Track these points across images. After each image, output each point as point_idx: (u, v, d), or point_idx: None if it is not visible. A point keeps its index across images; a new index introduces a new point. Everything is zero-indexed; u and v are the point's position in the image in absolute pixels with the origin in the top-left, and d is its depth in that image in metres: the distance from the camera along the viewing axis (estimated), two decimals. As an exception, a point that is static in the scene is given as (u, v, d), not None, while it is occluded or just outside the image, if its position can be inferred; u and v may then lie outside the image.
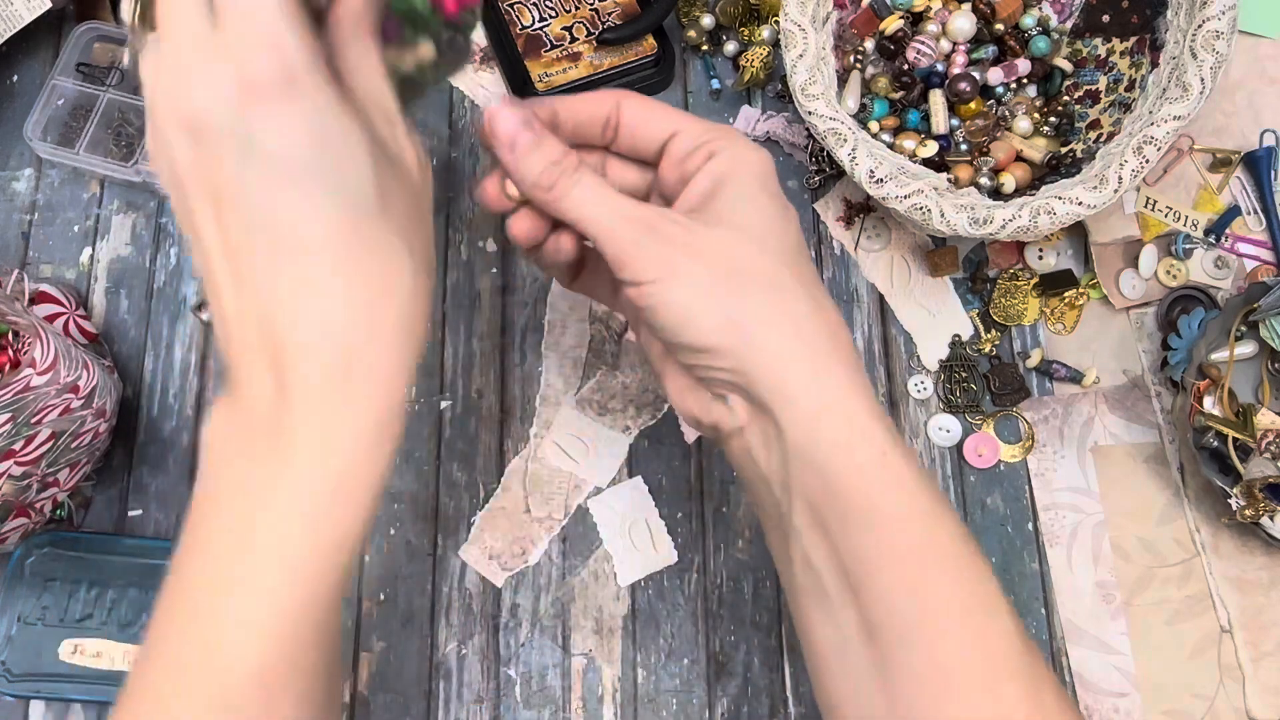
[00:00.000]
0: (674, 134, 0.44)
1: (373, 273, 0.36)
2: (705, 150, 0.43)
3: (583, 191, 0.42)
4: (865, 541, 0.39)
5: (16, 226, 0.68)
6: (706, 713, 0.58)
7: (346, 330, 0.36)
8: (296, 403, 0.35)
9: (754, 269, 0.42)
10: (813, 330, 0.41)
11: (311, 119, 0.35)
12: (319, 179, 0.35)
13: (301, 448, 0.35)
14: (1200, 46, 0.55)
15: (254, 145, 0.34)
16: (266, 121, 0.34)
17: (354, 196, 0.36)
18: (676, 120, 0.45)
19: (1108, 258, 0.66)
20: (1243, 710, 0.58)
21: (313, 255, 0.35)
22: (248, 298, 0.36)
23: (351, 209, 0.36)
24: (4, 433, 0.50)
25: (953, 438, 0.63)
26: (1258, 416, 0.58)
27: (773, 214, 0.43)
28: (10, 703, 0.58)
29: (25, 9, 0.67)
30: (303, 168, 0.35)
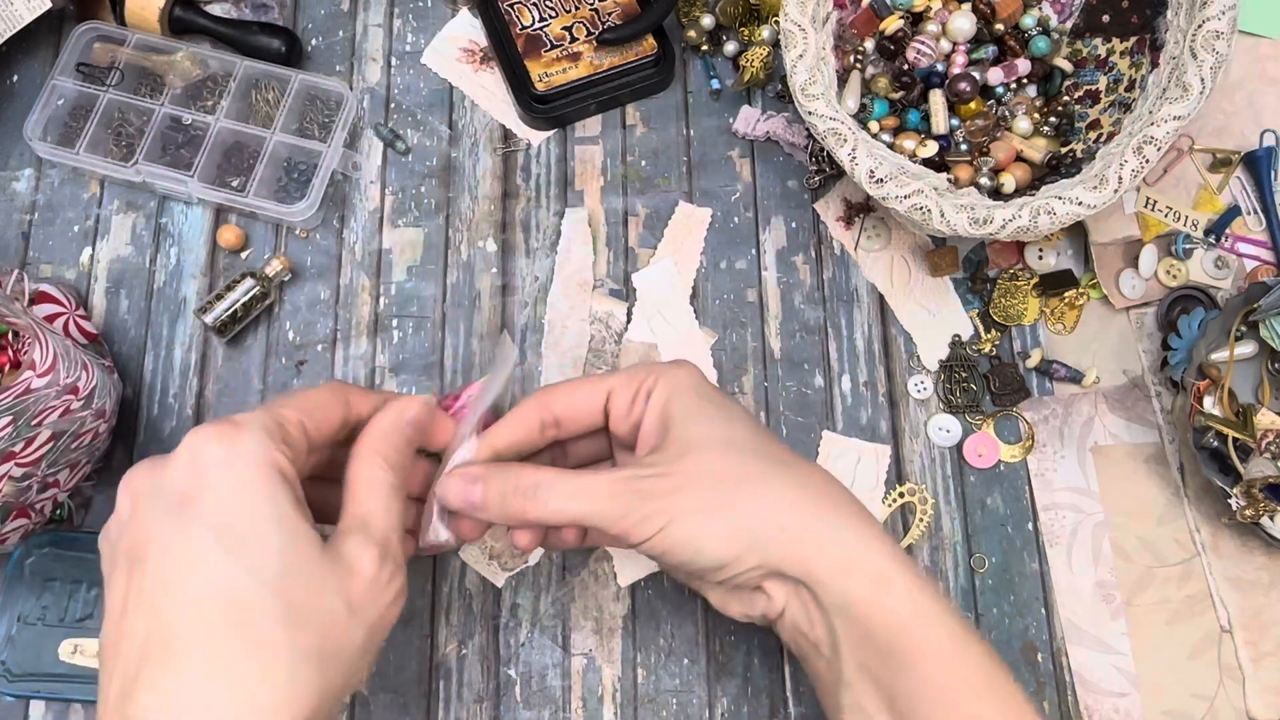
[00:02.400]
0: (608, 395, 0.48)
1: (245, 643, 0.37)
2: (643, 393, 0.47)
3: (554, 498, 0.45)
4: (908, 679, 0.43)
5: (16, 226, 0.68)
6: (706, 713, 0.58)
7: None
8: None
9: (732, 475, 0.45)
10: (809, 500, 0.45)
11: (233, 500, 0.38)
12: (221, 552, 0.37)
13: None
14: (1200, 46, 0.55)
15: (179, 513, 0.38)
16: (197, 496, 0.38)
17: (251, 579, 0.37)
18: (604, 384, 0.48)
19: (1108, 258, 0.66)
20: (1243, 710, 0.58)
21: (192, 618, 0.37)
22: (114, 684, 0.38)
23: (245, 584, 0.37)
24: (5, 435, 0.50)
25: (953, 438, 0.63)
26: (1258, 416, 0.58)
27: (721, 418, 0.47)
28: (10, 703, 0.58)
29: (25, 9, 0.67)
30: (211, 538, 0.38)
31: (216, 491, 0.38)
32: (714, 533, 0.44)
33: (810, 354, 0.65)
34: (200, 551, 0.38)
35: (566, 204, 0.68)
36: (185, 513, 0.38)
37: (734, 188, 0.68)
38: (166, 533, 0.38)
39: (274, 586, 0.37)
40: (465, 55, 0.72)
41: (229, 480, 0.39)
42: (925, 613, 0.43)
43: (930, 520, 0.61)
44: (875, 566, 0.44)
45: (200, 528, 0.38)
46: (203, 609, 0.37)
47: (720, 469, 0.45)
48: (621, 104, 0.70)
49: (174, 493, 0.39)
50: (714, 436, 0.46)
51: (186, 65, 0.67)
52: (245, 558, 0.38)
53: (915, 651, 0.43)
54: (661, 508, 0.44)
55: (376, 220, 0.68)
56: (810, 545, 0.44)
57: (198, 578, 0.37)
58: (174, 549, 0.38)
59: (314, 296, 0.66)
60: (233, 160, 0.68)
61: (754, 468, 0.45)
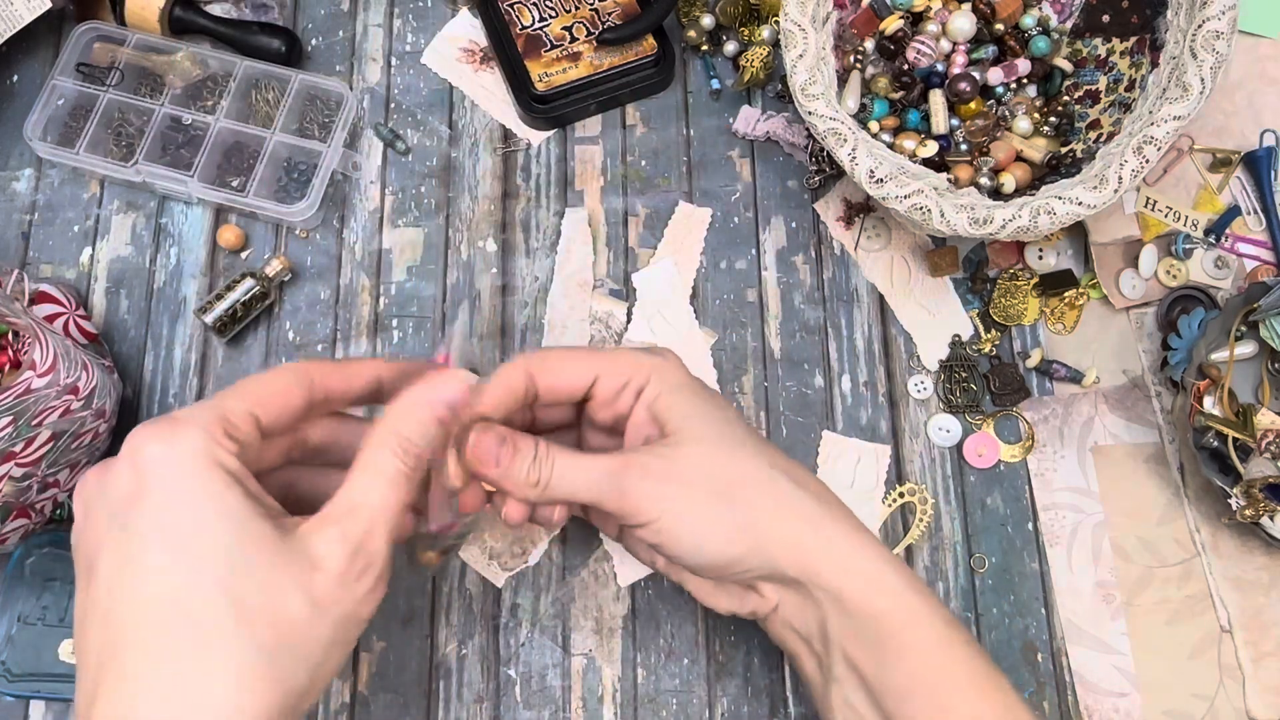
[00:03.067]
0: (596, 378, 0.48)
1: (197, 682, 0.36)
2: (632, 388, 0.47)
3: (560, 473, 0.45)
4: (895, 674, 0.44)
5: (16, 226, 0.68)
6: (706, 713, 0.58)
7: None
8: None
9: (735, 474, 0.45)
10: (810, 507, 0.46)
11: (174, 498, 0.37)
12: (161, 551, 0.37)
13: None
14: (1200, 46, 0.55)
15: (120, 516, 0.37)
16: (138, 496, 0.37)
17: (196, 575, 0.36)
18: (589, 365, 0.48)
19: (1108, 258, 0.66)
20: (1243, 710, 0.58)
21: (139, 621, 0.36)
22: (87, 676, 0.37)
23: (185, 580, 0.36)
24: (5, 435, 0.50)
25: (953, 438, 0.63)
26: (1258, 416, 0.58)
27: (717, 417, 0.47)
28: (10, 703, 0.58)
29: (25, 9, 0.67)
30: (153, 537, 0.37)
31: (157, 492, 0.37)
32: (715, 532, 0.44)
33: (810, 354, 0.65)
34: (144, 555, 0.37)
35: (566, 204, 0.68)
36: (129, 517, 0.37)
37: (734, 188, 0.68)
38: (113, 539, 0.37)
39: (222, 585, 0.36)
40: (465, 55, 0.72)
41: (169, 479, 0.38)
42: (914, 611, 0.44)
43: (930, 520, 0.61)
44: (870, 568, 0.45)
45: (143, 531, 0.37)
46: (149, 613, 0.36)
47: (723, 466, 0.45)
48: (621, 104, 0.70)
49: (117, 497, 0.38)
50: (715, 434, 0.46)
51: (186, 65, 0.67)
52: (189, 558, 0.37)
53: (902, 647, 0.44)
54: (662, 492, 0.44)
55: (376, 220, 0.68)
56: (810, 551, 0.45)
57: (143, 582, 0.37)
58: (119, 555, 0.37)
59: (314, 296, 0.66)
60: (233, 160, 0.68)
61: (756, 470, 0.46)
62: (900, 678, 0.44)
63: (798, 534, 0.45)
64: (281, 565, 0.38)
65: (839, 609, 0.44)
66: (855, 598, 0.44)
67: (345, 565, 0.39)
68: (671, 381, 0.47)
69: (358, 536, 0.39)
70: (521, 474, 0.45)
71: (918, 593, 0.45)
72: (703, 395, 0.48)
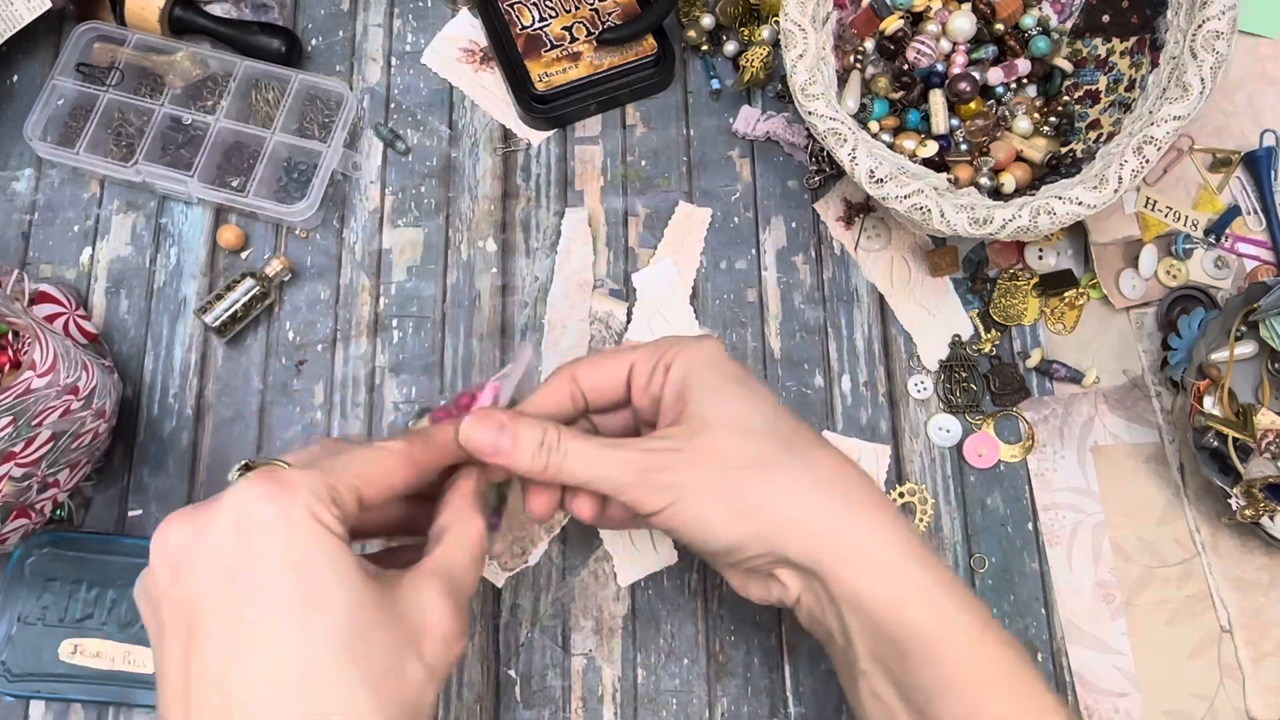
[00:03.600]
0: (630, 369, 0.48)
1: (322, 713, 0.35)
2: (661, 367, 0.47)
3: (574, 459, 0.44)
4: (920, 675, 0.42)
5: (16, 226, 0.68)
6: (706, 713, 0.58)
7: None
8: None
9: (746, 457, 0.44)
10: (821, 489, 0.44)
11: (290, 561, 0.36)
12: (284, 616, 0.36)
13: None
14: (1200, 46, 0.55)
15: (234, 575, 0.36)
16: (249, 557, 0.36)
17: (322, 639, 0.36)
18: (626, 357, 0.48)
19: (1108, 258, 0.66)
20: (1243, 710, 0.58)
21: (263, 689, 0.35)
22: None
23: (313, 649, 0.36)
24: (5, 435, 0.50)
25: (953, 438, 0.63)
26: (1258, 416, 0.58)
27: (741, 397, 0.46)
28: (10, 703, 0.58)
29: (25, 9, 0.67)
30: (272, 603, 0.36)
31: (272, 557, 0.36)
32: (721, 516, 0.44)
33: (810, 354, 0.65)
34: (265, 623, 0.35)
35: (566, 204, 0.68)
36: (240, 581, 0.36)
37: (734, 188, 0.68)
38: (223, 603, 0.36)
39: (348, 653, 0.36)
40: (465, 55, 0.72)
41: (284, 544, 0.36)
42: (938, 609, 0.43)
43: (930, 520, 0.61)
44: (887, 560, 0.43)
45: (260, 597, 0.36)
46: (276, 680, 0.35)
47: (733, 451, 0.44)
48: (621, 104, 0.70)
49: (224, 558, 0.36)
50: (730, 416, 0.45)
51: (186, 65, 0.67)
52: (313, 626, 0.36)
53: (928, 648, 0.42)
54: (672, 482, 0.44)
55: (376, 220, 0.68)
56: (820, 537, 0.43)
57: (267, 650, 0.35)
58: (234, 620, 0.36)
59: (314, 296, 0.66)
60: (233, 160, 0.68)
61: (768, 453, 0.44)
62: (928, 680, 0.42)
63: (802, 518, 0.43)
64: (396, 629, 0.38)
65: (857, 609, 0.43)
66: (875, 601, 0.42)
67: (451, 625, 0.39)
68: (700, 358, 0.46)
69: (459, 596, 0.40)
70: (526, 459, 0.44)
71: (944, 588, 0.43)
72: (728, 374, 0.47)
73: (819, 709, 0.58)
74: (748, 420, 0.45)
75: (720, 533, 0.44)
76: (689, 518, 0.44)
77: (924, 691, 0.42)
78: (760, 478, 0.44)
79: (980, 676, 0.42)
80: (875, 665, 0.44)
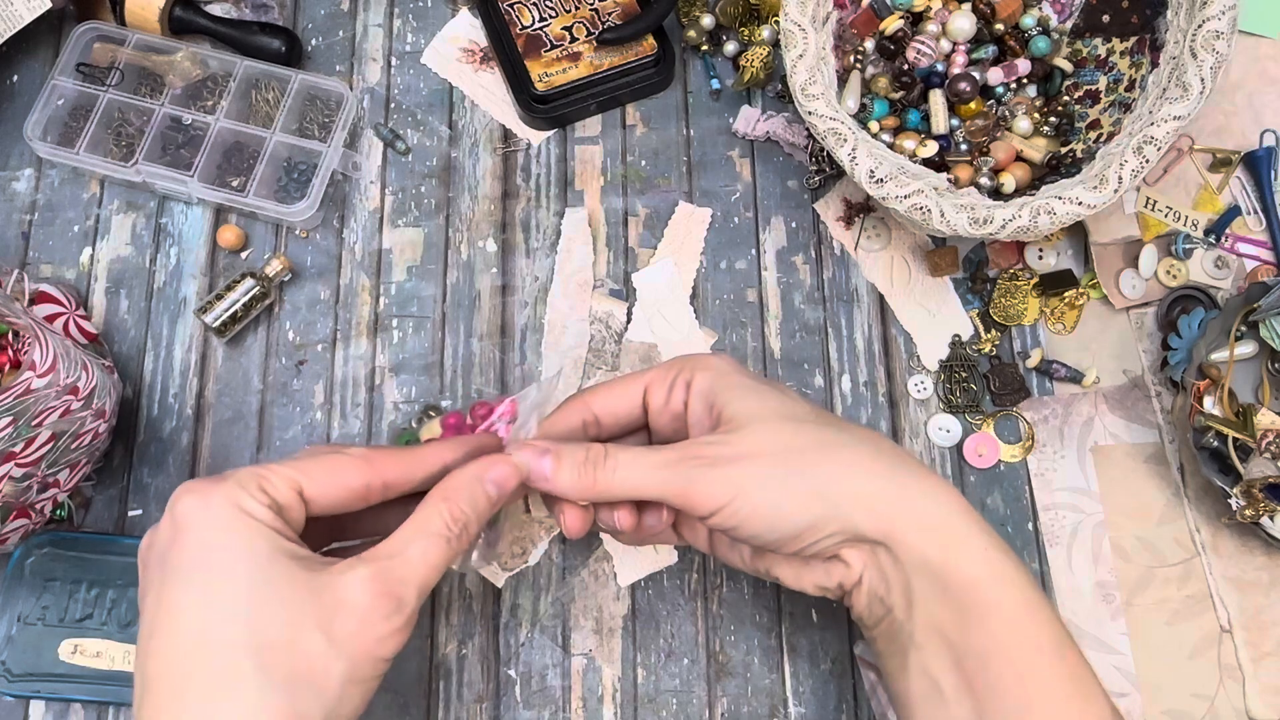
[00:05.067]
0: (645, 390, 0.48)
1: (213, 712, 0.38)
2: (680, 383, 0.48)
3: (623, 470, 0.45)
4: (979, 637, 0.43)
5: (16, 226, 0.68)
6: (706, 713, 0.58)
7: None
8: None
9: (797, 443, 0.45)
10: (879, 462, 0.45)
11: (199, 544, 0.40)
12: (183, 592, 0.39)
13: None
14: (1200, 46, 0.55)
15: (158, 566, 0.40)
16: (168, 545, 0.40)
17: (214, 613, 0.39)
18: (639, 380, 0.49)
19: (1108, 258, 0.66)
20: (1243, 710, 0.58)
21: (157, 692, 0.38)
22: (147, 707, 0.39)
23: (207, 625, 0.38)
24: (5, 435, 0.50)
25: (953, 438, 0.63)
26: (1258, 416, 0.58)
27: (773, 393, 0.46)
28: (10, 703, 0.58)
29: (25, 9, 0.67)
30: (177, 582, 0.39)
31: (189, 538, 0.40)
32: (788, 500, 0.44)
33: (810, 354, 0.65)
34: (175, 595, 0.39)
35: (566, 204, 0.68)
36: (166, 562, 0.40)
37: (734, 188, 0.68)
38: (154, 583, 0.40)
39: (243, 621, 0.38)
40: (465, 55, 0.72)
41: (199, 526, 0.40)
42: (999, 571, 0.43)
43: (930, 520, 0.61)
44: (951, 525, 0.44)
45: (176, 573, 0.39)
46: (177, 651, 0.38)
47: (784, 438, 0.45)
48: (621, 104, 0.70)
49: (160, 547, 0.40)
50: (771, 409, 0.46)
51: (186, 65, 0.67)
52: (213, 596, 0.39)
53: (988, 609, 0.43)
54: (728, 476, 0.44)
55: (376, 220, 0.68)
56: (887, 506, 0.44)
57: (173, 621, 0.39)
58: (156, 597, 0.39)
59: (314, 296, 0.66)
60: (233, 160, 0.68)
61: (818, 435, 0.45)
62: (983, 639, 0.43)
63: (872, 490, 0.44)
64: (303, 603, 0.39)
65: (925, 572, 0.43)
66: (942, 561, 0.43)
67: (370, 604, 0.40)
68: (720, 368, 0.47)
69: (389, 580, 0.41)
70: (570, 479, 0.45)
71: (1002, 551, 0.44)
72: (755, 379, 0.47)
73: (819, 709, 0.58)
74: (790, 410, 0.46)
75: (791, 518, 0.44)
76: (753, 509, 0.44)
77: (978, 657, 0.43)
78: (822, 457, 0.44)
79: (1034, 642, 0.43)
80: (931, 636, 0.44)
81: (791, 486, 0.44)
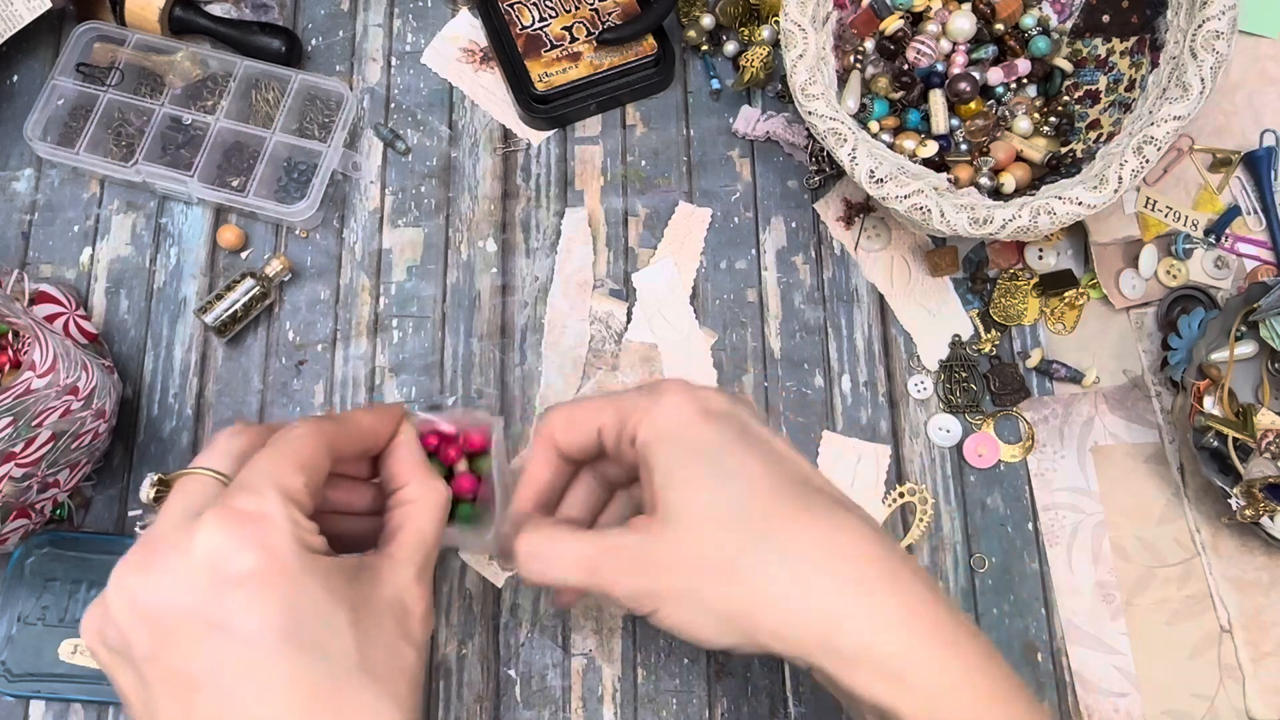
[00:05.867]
0: (600, 429, 0.44)
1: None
2: (626, 438, 0.43)
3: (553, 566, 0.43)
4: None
5: (16, 226, 0.68)
6: (706, 712, 0.58)
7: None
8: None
9: (718, 555, 0.40)
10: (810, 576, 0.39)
11: (288, 600, 0.36)
12: (296, 651, 0.35)
13: None
14: (1200, 46, 0.55)
15: (228, 630, 0.35)
16: (241, 608, 0.35)
17: (333, 661, 0.36)
18: (594, 418, 0.44)
19: (1108, 258, 0.66)
20: (1243, 710, 0.58)
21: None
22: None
23: (331, 673, 0.36)
24: (5, 435, 0.50)
25: (953, 438, 0.63)
26: (1258, 416, 0.58)
27: (707, 477, 0.41)
28: (10, 703, 0.58)
29: (25, 9, 0.67)
30: (279, 643, 0.35)
31: (267, 600, 0.36)
32: (706, 623, 0.40)
33: (810, 354, 0.65)
34: (277, 661, 0.35)
35: (566, 204, 0.68)
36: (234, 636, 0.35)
37: (734, 188, 0.68)
38: (222, 661, 0.35)
39: (356, 662, 0.36)
40: (465, 55, 0.72)
41: (275, 585, 0.36)
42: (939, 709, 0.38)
43: (930, 520, 0.61)
44: (886, 655, 0.39)
45: (264, 640, 0.35)
46: (308, 710, 0.35)
47: (707, 547, 0.40)
48: (621, 104, 0.70)
49: (211, 617, 0.35)
50: (696, 505, 0.41)
51: (186, 65, 0.67)
52: (320, 648, 0.36)
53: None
54: (652, 590, 0.41)
55: (376, 220, 0.68)
56: (805, 638, 0.39)
57: (287, 686, 0.35)
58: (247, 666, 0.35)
59: (314, 296, 0.66)
60: (233, 160, 0.68)
61: (738, 547, 0.40)
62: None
63: (783, 623, 0.39)
64: (392, 626, 0.38)
65: (855, 704, 0.40)
66: (870, 699, 0.38)
67: (428, 604, 0.40)
68: (661, 429, 0.42)
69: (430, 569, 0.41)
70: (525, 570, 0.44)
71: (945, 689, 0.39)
72: (694, 448, 0.41)
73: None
74: (715, 507, 0.40)
75: (709, 640, 0.41)
76: (676, 625, 0.41)
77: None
78: (732, 580, 0.40)
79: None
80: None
81: (702, 611, 0.40)
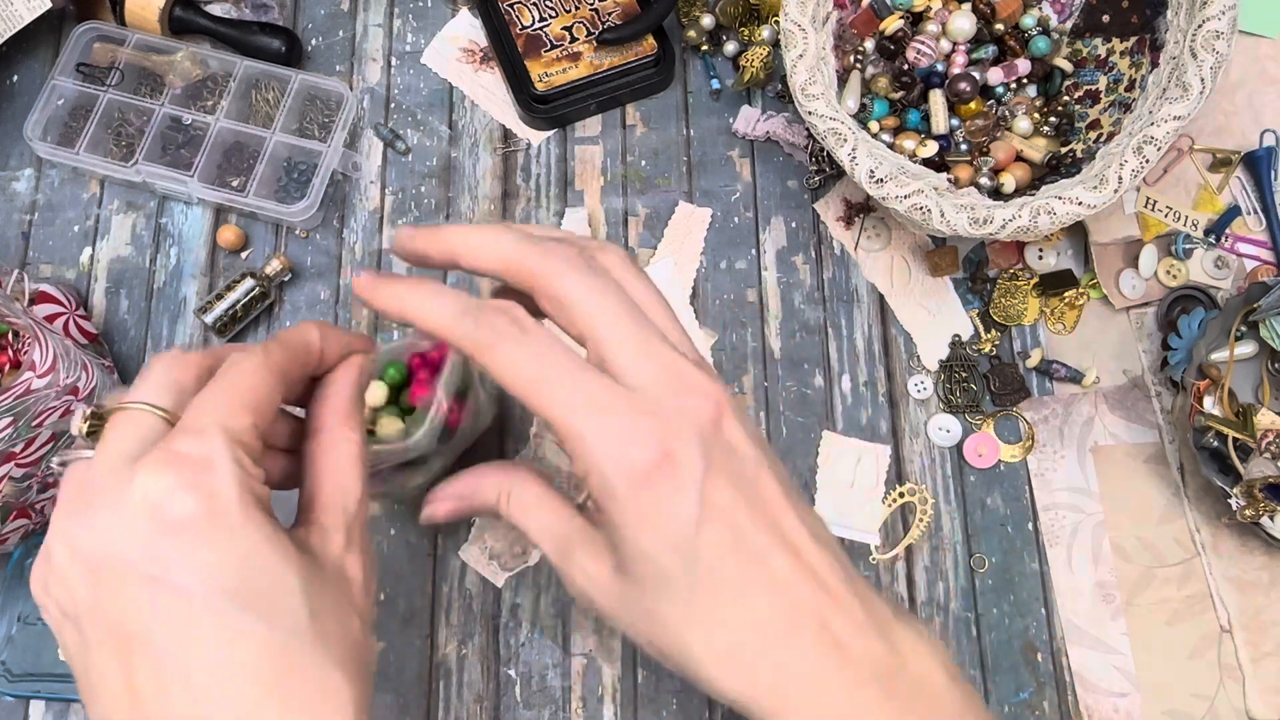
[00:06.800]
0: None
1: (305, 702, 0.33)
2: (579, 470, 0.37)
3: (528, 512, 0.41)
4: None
5: (16, 226, 0.68)
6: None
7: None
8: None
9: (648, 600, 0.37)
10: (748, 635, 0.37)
11: (233, 552, 0.33)
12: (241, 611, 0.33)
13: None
14: (1200, 46, 0.55)
15: (167, 582, 0.32)
16: (182, 558, 0.32)
17: (283, 624, 0.33)
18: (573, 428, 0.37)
19: (1108, 258, 0.66)
20: (1243, 710, 0.58)
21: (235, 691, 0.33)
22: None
23: (280, 637, 0.33)
24: (5, 435, 0.50)
25: (953, 438, 0.63)
26: (1258, 416, 0.58)
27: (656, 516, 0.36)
28: (10, 703, 0.58)
29: (25, 9, 0.67)
30: (223, 601, 0.33)
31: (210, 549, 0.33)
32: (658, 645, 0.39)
33: (810, 354, 0.65)
34: (222, 621, 0.33)
35: (566, 204, 0.68)
36: (177, 582, 0.33)
37: (734, 188, 0.68)
38: (162, 612, 0.33)
39: (308, 626, 0.34)
40: (465, 55, 0.72)
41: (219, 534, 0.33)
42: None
43: (930, 520, 0.61)
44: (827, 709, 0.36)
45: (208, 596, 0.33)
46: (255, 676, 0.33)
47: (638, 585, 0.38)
48: (621, 104, 0.70)
49: (153, 564, 0.33)
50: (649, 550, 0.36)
51: (186, 65, 0.67)
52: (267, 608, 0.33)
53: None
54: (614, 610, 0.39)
55: (376, 220, 0.68)
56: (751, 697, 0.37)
57: (232, 648, 0.33)
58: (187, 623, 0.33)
59: (314, 296, 0.66)
60: (233, 160, 0.68)
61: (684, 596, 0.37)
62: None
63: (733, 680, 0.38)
64: (336, 591, 0.36)
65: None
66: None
67: (367, 568, 0.38)
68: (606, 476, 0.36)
69: (361, 529, 0.38)
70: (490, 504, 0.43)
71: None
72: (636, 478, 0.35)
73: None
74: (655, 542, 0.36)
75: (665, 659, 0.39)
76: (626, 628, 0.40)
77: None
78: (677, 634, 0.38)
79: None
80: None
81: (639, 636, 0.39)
